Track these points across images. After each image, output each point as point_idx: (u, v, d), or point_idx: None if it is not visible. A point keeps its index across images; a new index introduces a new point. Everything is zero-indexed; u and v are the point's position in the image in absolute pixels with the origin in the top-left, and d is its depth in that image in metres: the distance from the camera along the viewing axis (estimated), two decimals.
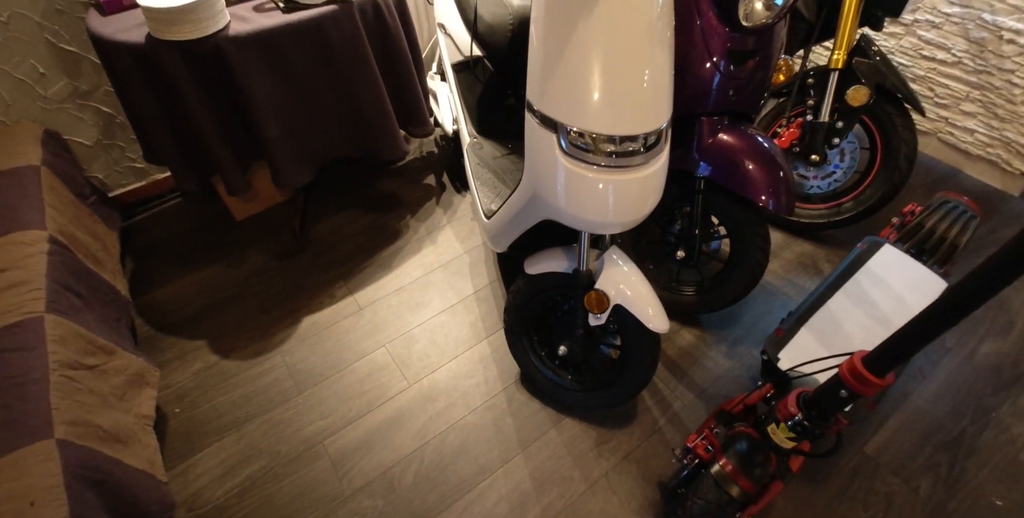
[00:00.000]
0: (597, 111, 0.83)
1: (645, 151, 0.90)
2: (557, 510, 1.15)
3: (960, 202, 1.33)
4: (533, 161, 0.93)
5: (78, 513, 0.79)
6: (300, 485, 1.20)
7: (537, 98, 0.87)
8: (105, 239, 1.45)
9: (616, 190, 0.90)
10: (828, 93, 1.35)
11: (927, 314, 0.63)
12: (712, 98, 1.08)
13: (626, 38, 0.81)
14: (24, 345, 0.93)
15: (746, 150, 1.12)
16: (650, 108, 0.86)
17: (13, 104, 1.39)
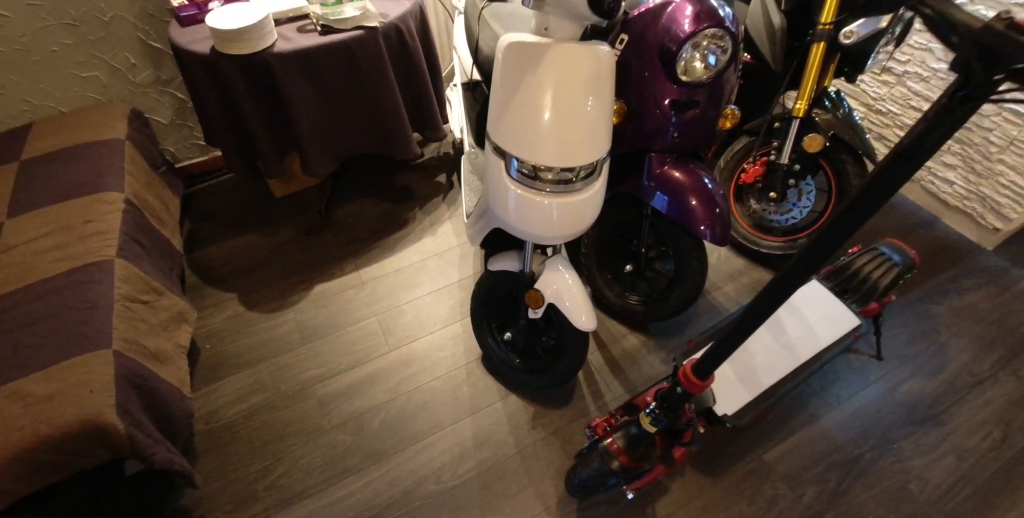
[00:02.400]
0: (538, 146, 1.04)
1: (580, 180, 1.11)
2: (488, 465, 1.40)
3: (901, 249, 1.45)
4: (488, 181, 1.16)
5: (122, 402, 1.10)
6: (291, 416, 1.50)
7: (493, 130, 1.09)
8: (169, 203, 1.78)
9: (553, 210, 1.11)
10: (788, 138, 1.49)
11: (732, 326, 0.81)
12: (658, 138, 1.26)
13: (566, 89, 1.01)
14: (98, 280, 1.26)
15: (687, 185, 1.29)
16: (583, 146, 1.06)
17: (109, 87, 1.74)
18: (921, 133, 0.48)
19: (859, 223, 0.61)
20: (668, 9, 1.13)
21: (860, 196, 0.58)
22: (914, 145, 0.49)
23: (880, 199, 0.58)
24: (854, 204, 0.59)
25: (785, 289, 0.72)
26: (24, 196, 1.45)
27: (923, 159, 0.53)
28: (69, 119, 1.67)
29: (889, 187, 0.56)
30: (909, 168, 0.55)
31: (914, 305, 1.69)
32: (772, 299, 0.73)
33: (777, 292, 0.73)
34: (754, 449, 1.41)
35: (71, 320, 1.18)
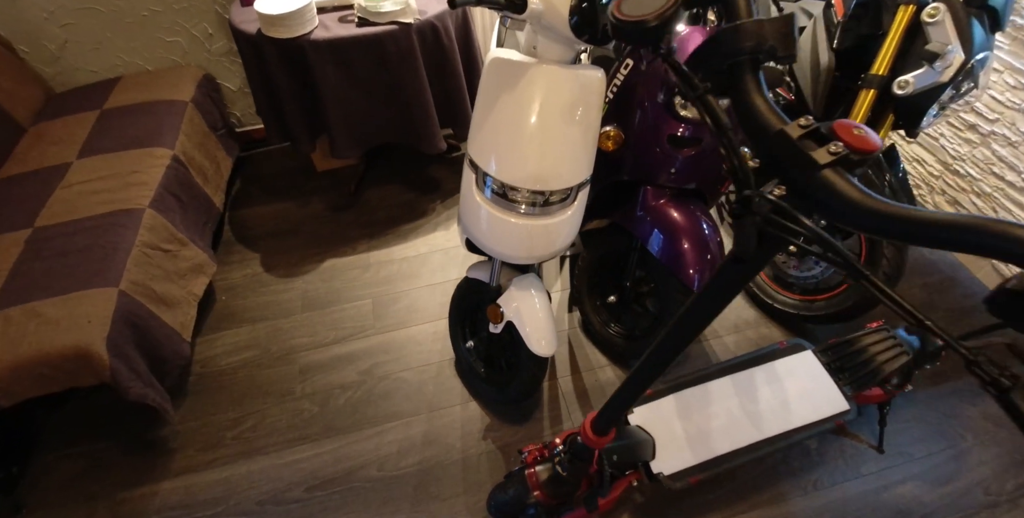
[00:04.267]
0: (509, 165, 1.03)
1: (551, 204, 1.08)
2: (430, 464, 1.42)
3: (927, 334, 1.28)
4: (462, 191, 1.16)
5: (113, 336, 1.25)
6: (272, 377, 1.62)
7: (470, 144, 1.09)
8: (220, 163, 1.95)
9: (519, 231, 1.10)
10: None
11: (630, 378, 0.75)
12: (654, 172, 1.20)
13: (545, 111, 0.99)
14: (125, 225, 1.42)
15: (680, 225, 1.22)
16: (557, 171, 1.04)
17: (188, 52, 1.93)
18: (742, 239, 0.42)
19: (700, 326, 0.57)
20: (677, 38, 1.06)
21: (698, 298, 0.52)
22: (741, 249, 0.42)
23: (718, 302, 0.52)
24: (693, 306, 0.54)
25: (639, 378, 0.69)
26: (95, 142, 1.65)
27: (756, 266, 0.47)
28: (150, 77, 1.88)
29: (727, 290, 0.50)
30: (746, 271, 0.49)
31: (941, 400, 1.48)
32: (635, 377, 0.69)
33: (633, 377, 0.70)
34: (704, 514, 1.32)
35: (93, 257, 1.35)
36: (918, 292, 1.71)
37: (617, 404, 0.80)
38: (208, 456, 1.46)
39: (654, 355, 0.65)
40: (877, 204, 0.33)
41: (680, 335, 0.61)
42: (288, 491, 1.39)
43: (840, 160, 0.34)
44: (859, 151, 0.35)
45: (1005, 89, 1.46)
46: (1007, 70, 1.45)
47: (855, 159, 0.35)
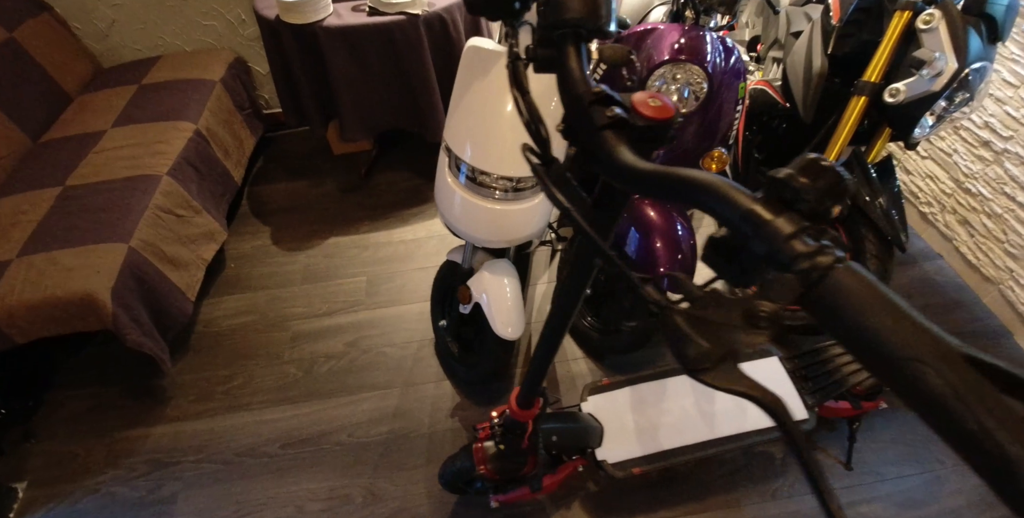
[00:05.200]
0: (478, 150, 1.08)
1: (519, 190, 1.12)
2: (397, 435, 1.49)
3: None
4: (437, 175, 1.21)
5: (118, 287, 1.37)
6: (265, 341, 1.72)
7: (446, 129, 1.14)
8: (244, 141, 2.08)
9: (487, 215, 1.14)
10: None
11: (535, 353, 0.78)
12: None
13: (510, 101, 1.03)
14: (142, 189, 1.54)
15: (653, 224, 1.23)
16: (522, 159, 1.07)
17: (223, 36, 2.07)
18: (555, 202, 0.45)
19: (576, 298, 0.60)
20: (653, 34, 1.08)
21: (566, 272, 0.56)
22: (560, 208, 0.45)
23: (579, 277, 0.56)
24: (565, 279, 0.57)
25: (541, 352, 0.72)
26: (129, 113, 1.80)
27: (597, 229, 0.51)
28: (187, 57, 2.03)
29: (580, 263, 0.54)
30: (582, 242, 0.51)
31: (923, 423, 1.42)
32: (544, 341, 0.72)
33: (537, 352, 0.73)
34: (655, 510, 1.33)
35: (110, 215, 1.48)
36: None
37: (531, 379, 0.83)
38: (198, 407, 1.58)
39: (548, 329, 0.69)
40: (639, 164, 0.35)
41: (561, 308, 0.64)
42: (264, 446, 1.48)
43: (617, 123, 0.37)
44: (646, 118, 0.37)
45: (1020, 105, 1.40)
46: (1023, 85, 1.38)
47: (639, 125, 0.38)
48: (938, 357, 0.23)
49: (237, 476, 1.43)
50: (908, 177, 1.82)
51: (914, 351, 0.23)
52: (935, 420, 0.23)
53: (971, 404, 0.22)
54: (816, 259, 0.26)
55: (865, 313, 0.24)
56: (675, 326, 0.29)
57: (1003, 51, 1.42)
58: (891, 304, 0.24)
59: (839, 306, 0.25)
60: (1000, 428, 0.21)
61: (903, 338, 0.23)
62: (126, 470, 1.47)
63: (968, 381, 0.22)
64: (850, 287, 0.25)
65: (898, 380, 0.24)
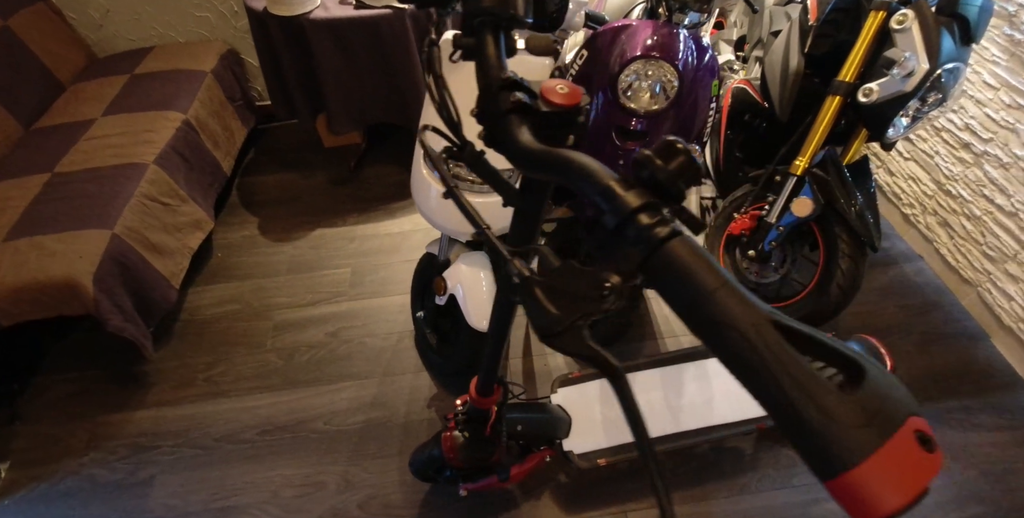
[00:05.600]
0: None
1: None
2: (373, 424, 1.50)
3: (872, 349, 1.25)
4: (412, 167, 1.23)
5: (101, 273, 1.39)
6: (248, 329, 1.74)
7: (421, 120, 1.16)
8: (235, 132, 2.10)
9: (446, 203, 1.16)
10: (781, 197, 1.34)
11: (488, 342, 0.80)
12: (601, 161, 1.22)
13: None
14: (128, 176, 1.56)
15: None
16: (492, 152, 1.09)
17: (216, 27, 2.09)
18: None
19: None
20: (627, 31, 1.09)
21: None
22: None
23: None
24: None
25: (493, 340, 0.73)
26: (120, 102, 1.82)
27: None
28: (180, 48, 2.05)
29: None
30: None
31: None
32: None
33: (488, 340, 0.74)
34: (623, 502, 1.34)
35: (96, 202, 1.50)
36: (894, 312, 1.65)
37: (486, 366, 0.85)
38: (180, 393, 1.60)
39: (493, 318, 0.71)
40: (531, 145, 0.37)
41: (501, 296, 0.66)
42: (243, 432, 1.50)
43: (519, 108, 0.39)
44: (552, 104, 0.39)
45: (1000, 107, 1.40)
46: (1003, 87, 1.38)
47: (543, 110, 0.39)
48: (749, 323, 0.24)
49: (215, 461, 1.45)
50: (891, 178, 1.82)
51: (728, 317, 0.25)
52: (742, 376, 0.24)
53: (769, 361, 0.23)
54: (655, 230, 0.27)
55: (693, 281, 0.26)
56: (532, 295, 0.31)
57: (984, 53, 1.43)
58: (716, 275, 0.26)
59: (671, 274, 0.26)
60: (790, 380, 0.23)
61: (721, 306, 0.25)
62: (107, 453, 1.49)
63: (770, 342, 0.24)
64: (682, 258, 0.26)
65: (715, 342, 0.25)
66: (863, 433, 0.22)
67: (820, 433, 0.22)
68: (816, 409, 0.22)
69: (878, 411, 0.22)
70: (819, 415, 0.22)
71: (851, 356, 0.25)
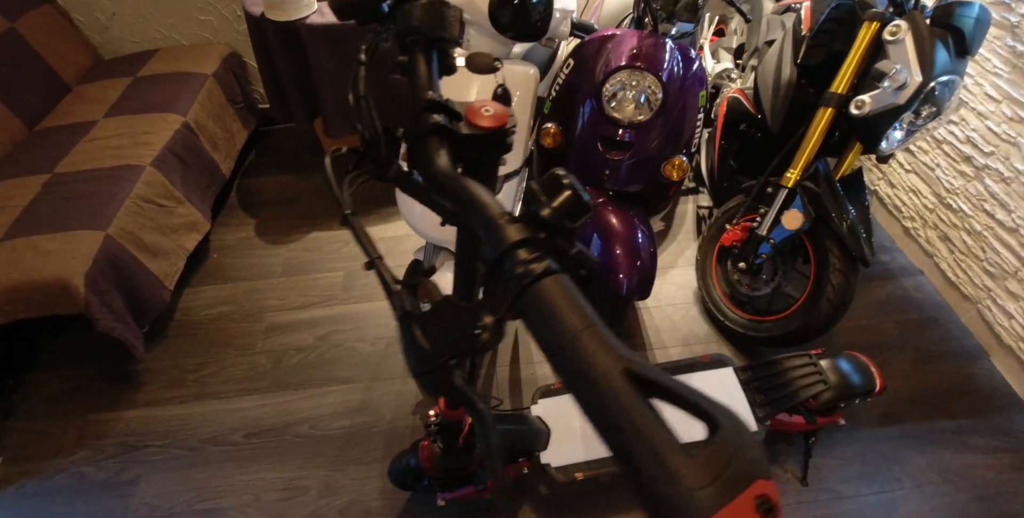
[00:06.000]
0: None
1: None
2: (358, 429, 1.50)
3: (862, 368, 1.22)
4: None
5: (92, 273, 1.40)
6: (240, 331, 1.75)
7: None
8: (235, 134, 2.12)
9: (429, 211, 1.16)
10: (773, 208, 1.32)
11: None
12: (590, 172, 1.22)
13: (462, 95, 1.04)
14: (124, 178, 1.58)
15: (612, 229, 1.23)
16: None
17: (219, 31, 2.11)
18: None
19: None
20: (613, 40, 1.08)
21: None
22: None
23: None
24: None
25: None
26: (122, 104, 1.85)
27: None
28: (183, 51, 2.07)
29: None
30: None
31: (887, 442, 1.40)
32: None
33: None
34: (604, 514, 1.33)
35: (92, 203, 1.52)
36: (891, 328, 1.62)
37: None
38: (170, 393, 1.61)
39: None
40: (442, 169, 0.36)
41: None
42: (229, 434, 1.51)
43: (436, 129, 0.38)
44: (475, 126, 0.38)
45: (1002, 120, 1.36)
46: (1005, 100, 1.35)
47: (463, 133, 0.38)
48: (602, 370, 0.23)
49: (200, 462, 1.46)
50: (892, 190, 1.78)
51: (584, 364, 0.24)
52: (594, 425, 0.23)
53: (617, 412, 0.22)
54: (530, 266, 0.26)
55: (559, 322, 0.25)
56: (407, 331, 0.30)
57: (986, 65, 1.39)
58: (582, 317, 0.25)
59: (540, 312, 0.26)
60: (636, 434, 0.21)
61: (581, 351, 0.24)
62: (96, 451, 1.51)
63: (620, 392, 0.23)
64: (552, 296, 0.26)
65: (572, 388, 0.24)
66: (703, 495, 0.21)
67: (661, 494, 0.21)
68: (659, 467, 0.21)
69: (722, 472, 0.21)
70: (661, 473, 0.21)
71: (706, 409, 0.24)
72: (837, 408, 1.22)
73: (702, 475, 0.21)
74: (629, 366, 0.24)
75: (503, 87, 0.61)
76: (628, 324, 1.68)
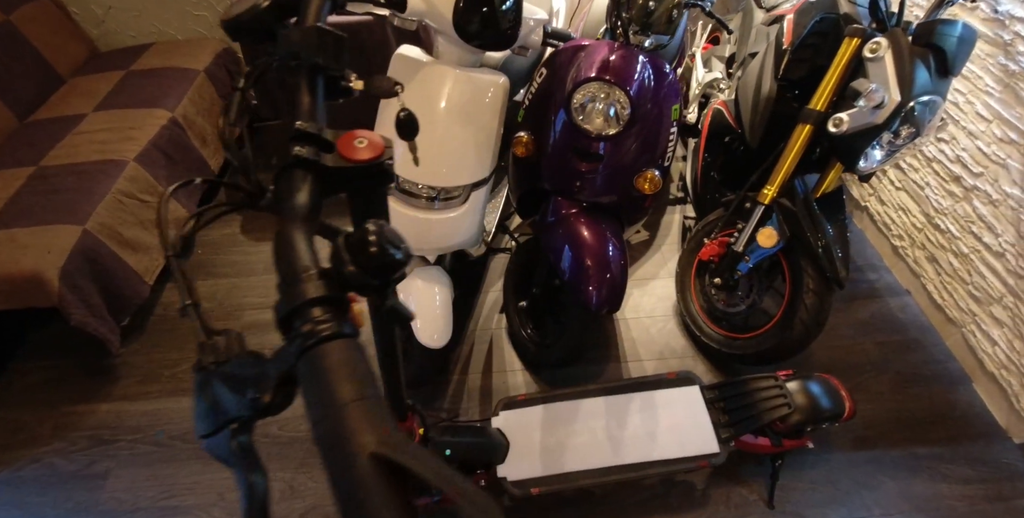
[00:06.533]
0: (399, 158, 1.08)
1: (441, 200, 1.12)
2: None
3: (832, 391, 1.19)
4: None
5: (68, 268, 1.41)
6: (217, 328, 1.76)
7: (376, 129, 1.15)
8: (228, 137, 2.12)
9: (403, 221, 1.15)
10: (749, 224, 1.29)
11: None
12: (562, 183, 1.19)
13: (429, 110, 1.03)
14: (106, 172, 1.59)
15: (583, 241, 1.20)
16: (438, 168, 1.08)
17: (213, 26, 2.12)
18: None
19: None
20: (585, 50, 1.06)
21: None
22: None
23: None
24: None
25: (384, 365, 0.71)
26: (112, 98, 1.86)
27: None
28: (177, 46, 2.08)
29: None
30: None
31: (859, 467, 1.37)
32: None
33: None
34: None
35: (74, 197, 1.53)
36: (872, 349, 1.58)
37: (387, 391, 0.83)
38: (144, 388, 1.62)
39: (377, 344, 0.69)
40: (297, 207, 0.35)
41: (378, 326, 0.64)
42: None
43: (299, 162, 0.37)
44: (345, 158, 0.37)
45: (992, 141, 1.32)
46: (996, 120, 1.31)
47: (328, 165, 0.37)
48: (353, 449, 0.22)
49: (168, 459, 1.47)
50: (882, 208, 1.74)
51: (340, 438, 0.22)
52: (336, 497, 0.22)
53: (352, 494, 0.21)
54: (318, 327, 0.25)
55: (331, 389, 0.24)
56: (199, 386, 0.29)
57: (978, 83, 1.35)
58: (356, 388, 0.24)
59: (315, 377, 0.24)
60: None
61: (343, 423, 0.23)
62: (69, 443, 1.52)
63: (363, 475, 0.21)
64: (332, 362, 0.24)
65: (325, 459, 0.23)
66: None
67: None
68: None
69: None
70: None
71: (454, 497, 0.22)
72: (804, 431, 1.19)
73: None
74: (380, 450, 0.23)
75: (406, 111, 0.60)
76: (605, 335, 1.66)
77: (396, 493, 0.22)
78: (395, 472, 0.23)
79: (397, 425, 0.31)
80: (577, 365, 1.58)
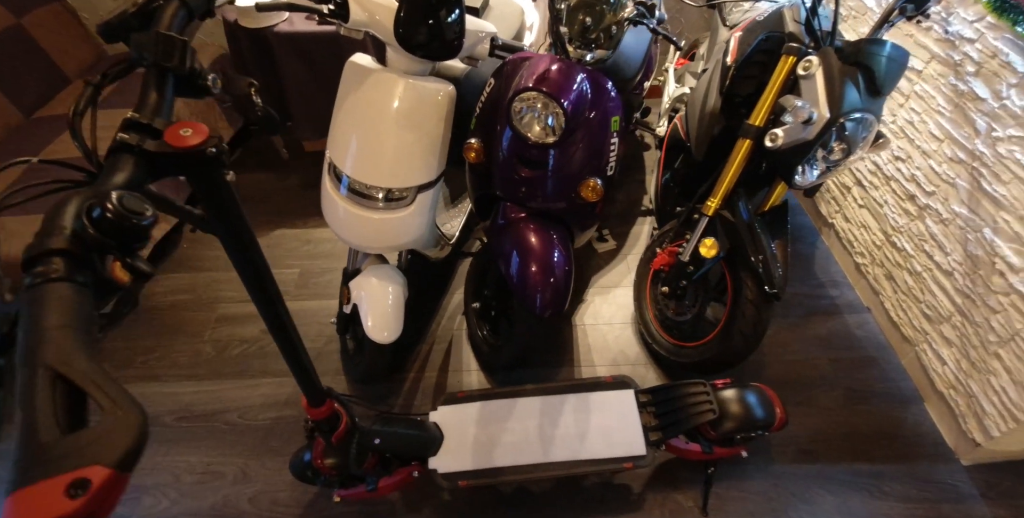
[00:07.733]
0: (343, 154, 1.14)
1: (382, 201, 1.17)
2: (283, 422, 1.55)
3: (765, 401, 1.20)
4: (322, 185, 1.28)
5: None
6: (192, 320, 1.83)
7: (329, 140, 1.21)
8: (220, 132, 2.22)
9: (349, 219, 1.20)
10: (694, 235, 1.31)
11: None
12: (508, 189, 1.24)
13: (377, 115, 1.09)
14: None
15: (529, 246, 1.23)
16: (383, 170, 1.13)
17: (213, 33, 2.22)
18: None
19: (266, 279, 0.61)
20: (529, 61, 1.11)
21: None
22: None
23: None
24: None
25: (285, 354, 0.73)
26: (112, 97, 1.97)
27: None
28: None
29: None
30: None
31: (799, 481, 1.37)
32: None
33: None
34: None
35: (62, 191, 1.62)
36: (824, 364, 1.58)
37: (297, 379, 0.87)
38: (117, 373, 1.69)
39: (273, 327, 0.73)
40: (112, 184, 0.40)
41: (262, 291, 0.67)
42: (162, 416, 1.58)
43: (122, 146, 0.42)
44: (167, 145, 0.42)
45: (943, 160, 1.33)
46: (947, 139, 1.32)
47: (150, 150, 0.42)
48: (31, 363, 0.26)
49: None
50: (847, 225, 1.75)
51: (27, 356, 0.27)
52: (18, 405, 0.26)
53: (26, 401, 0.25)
54: (49, 269, 0.30)
55: (39, 317, 0.28)
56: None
57: (931, 103, 1.36)
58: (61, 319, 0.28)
59: (32, 306, 0.29)
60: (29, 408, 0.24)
61: (31, 342, 0.27)
62: None
63: (33, 383, 0.26)
64: (50, 297, 0.29)
65: (18, 375, 0.27)
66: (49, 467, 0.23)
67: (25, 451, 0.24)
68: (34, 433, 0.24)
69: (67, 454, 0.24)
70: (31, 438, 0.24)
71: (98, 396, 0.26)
72: (735, 439, 1.20)
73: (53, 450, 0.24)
74: (56, 366, 0.27)
75: (264, 109, 0.65)
76: (562, 340, 1.69)
77: (61, 405, 0.26)
78: (73, 392, 0.27)
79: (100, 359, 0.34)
80: (531, 368, 1.61)
